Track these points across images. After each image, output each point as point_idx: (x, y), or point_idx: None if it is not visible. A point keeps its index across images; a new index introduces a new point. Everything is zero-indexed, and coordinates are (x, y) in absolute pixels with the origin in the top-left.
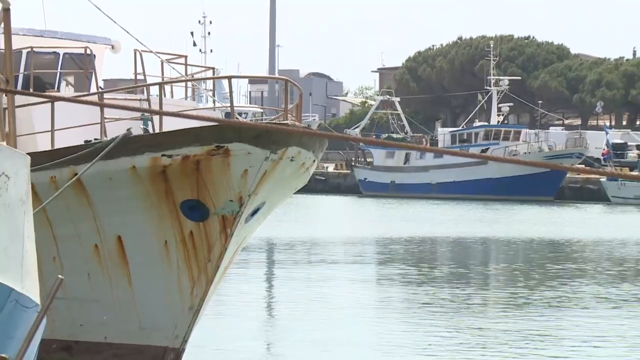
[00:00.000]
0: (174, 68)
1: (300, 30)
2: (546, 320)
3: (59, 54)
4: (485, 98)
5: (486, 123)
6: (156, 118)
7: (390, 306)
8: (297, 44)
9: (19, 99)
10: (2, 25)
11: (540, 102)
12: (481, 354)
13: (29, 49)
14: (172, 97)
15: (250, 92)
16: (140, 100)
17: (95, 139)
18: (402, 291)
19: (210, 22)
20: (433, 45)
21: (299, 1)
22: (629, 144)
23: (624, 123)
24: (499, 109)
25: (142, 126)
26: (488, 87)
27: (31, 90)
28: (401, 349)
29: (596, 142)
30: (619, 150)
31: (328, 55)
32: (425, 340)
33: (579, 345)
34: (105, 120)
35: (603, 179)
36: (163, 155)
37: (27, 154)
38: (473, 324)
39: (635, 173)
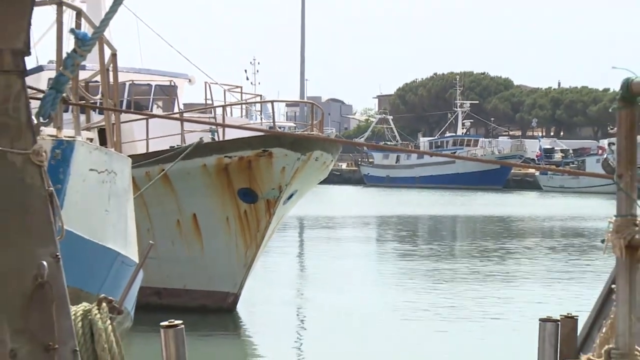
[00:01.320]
0: (232, 95)
1: (322, 67)
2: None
3: (151, 85)
4: (453, 116)
5: (454, 134)
6: (220, 130)
7: (380, 261)
8: (320, 78)
9: (123, 117)
10: (112, 65)
11: (492, 119)
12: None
13: (131, 82)
14: (232, 115)
15: (286, 112)
16: (209, 117)
17: (177, 145)
18: (392, 254)
19: (259, 63)
20: (416, 79)
21: (323, 47)
22: (555, 148)
23: (552, 134)
24: (463, 124)
25: (210, 136)
26: (455, 109)
27: (132, 110)
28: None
29: (532, 148)
30: (548, 153)
31: (342, 86)
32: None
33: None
34: (184, 132)
35: (537, 173)
36: (225, 156)
37: (129, 156)
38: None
39: (560, 168)
